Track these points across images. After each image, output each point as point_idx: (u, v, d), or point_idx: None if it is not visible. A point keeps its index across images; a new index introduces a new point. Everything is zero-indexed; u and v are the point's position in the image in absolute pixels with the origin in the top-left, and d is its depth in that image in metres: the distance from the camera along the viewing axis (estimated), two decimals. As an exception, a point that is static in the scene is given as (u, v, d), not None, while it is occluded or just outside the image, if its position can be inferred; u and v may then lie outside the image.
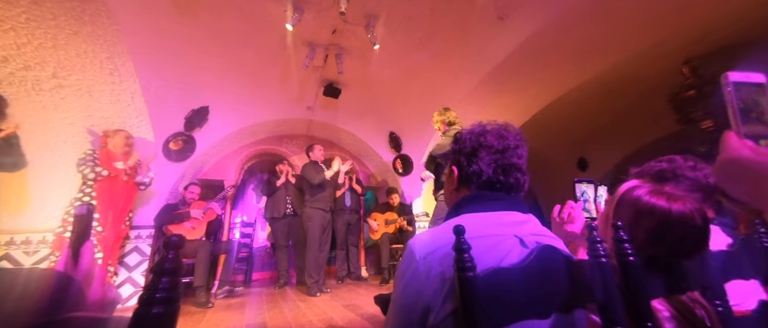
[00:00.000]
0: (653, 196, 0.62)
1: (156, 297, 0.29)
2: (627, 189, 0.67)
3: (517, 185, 0.61)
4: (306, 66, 3.04)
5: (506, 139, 0.61)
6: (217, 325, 1.82)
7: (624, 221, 0.62)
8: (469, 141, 0.62)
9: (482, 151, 0.60)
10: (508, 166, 0.59)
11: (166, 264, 0.31)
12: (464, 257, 0.42)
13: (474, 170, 0.60)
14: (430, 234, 0.51)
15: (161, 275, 0.30)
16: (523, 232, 0.53)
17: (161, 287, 0.30)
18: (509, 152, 0.60)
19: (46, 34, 1.91)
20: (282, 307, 2.23)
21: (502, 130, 0.62)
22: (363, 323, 1.64)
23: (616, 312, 0.51)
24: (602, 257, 0.53)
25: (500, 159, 0.60)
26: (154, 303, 0.29)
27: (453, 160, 0.66)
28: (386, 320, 0.54)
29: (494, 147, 0.60)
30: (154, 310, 0.29)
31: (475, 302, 0.41)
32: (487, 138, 0.61)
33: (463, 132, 0.66)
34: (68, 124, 2.41)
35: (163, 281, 0.30)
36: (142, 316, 0.28)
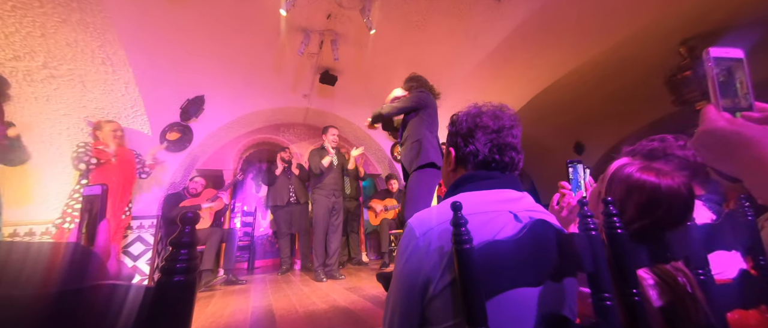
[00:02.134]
0: (644, 172, 0.65)
1: (176, 267, 0.31)
2: (618, 166, 0.69)
3: (512, 163, 0.63)
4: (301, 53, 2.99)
5: (501, 119, 0.62)
6: (223, 308, 1.88)
7: (615, 196, 0.65)
8: (465, 122, 0.64)
9: (478, 132, 0.62)
10: (503, 145, 0.61)
11: (184, 237, 0.33)
12: (461, 231, 0.45)
13: (470, 150, 0.62)
14: (428, 212, 0.54)
15: (180, 247, 0.32)
16: (518, 208, 0.56)
17: (180, 258, 0.32)
18: (504, 132, 0.62)
19: (34, 23, 1.86)
20: (286, 291, 2.30)
21: (497, 110, 0.64)
22: (365, 304, 1.70)
23: (604, 281, 0.54)
24: (592, 230, 0.56)
25: (495, 139, 0.61)
26: (175, 272, 0.31)
27: (449, 142, 0.68)
28: (389, 294, 0.57)
29: (490, 127, 0.61)
30: (176, 278, 0.31)
31: (471, 273, 0.44)
32: (483, 119, 0.62)
33: (460, 114, 0.67)
34: (63, 115, 2.39)
35: (182, 253, 0.32)
36: (165, 284, 0.31)
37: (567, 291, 0.53)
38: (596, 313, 0.52)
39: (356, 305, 1.71)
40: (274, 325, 1.47)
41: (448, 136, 0.69)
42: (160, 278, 0.31)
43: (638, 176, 0.65)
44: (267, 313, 1.69)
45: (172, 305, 0.30)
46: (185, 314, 0.31)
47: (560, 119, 4.23)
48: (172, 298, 0.30)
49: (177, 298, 0.30)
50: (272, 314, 1.67)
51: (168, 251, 0.32)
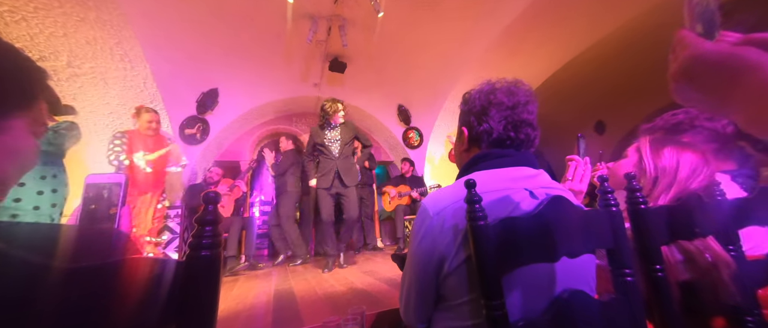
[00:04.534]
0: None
1: (203, 243, 0.33)
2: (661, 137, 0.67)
3: (528, 140, 0.61)
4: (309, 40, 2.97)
5: (516, 95, 0.60)
6: (248, 292, 1.98)
7: (667, 164, 0.63)
8: (479, 100, 0.62)
9: (492, 109, 0.60)
10: (518, 122, 0.59)
11: (208, 216, 0.35)
12: (475, 208, 0.44)
13: (484, 128, 0.60)
14: (442, 192, 0.54)
15: (205, 224, 0.34)
16: (533, 185, 0.55)
17: (206, 235, 0.34)
18: (519, 108, 0.59)
19: (56, 23, 1.94)
20: (305, 275, 2.39)
21: (511, 86, 0.61)
22: (381, 286, 1.74)
23: (625, 257, 0.53)
24: (613, 206, 0.55)
25: (510, 116, 0.59)
26: (202, 248, 0.33)
27: (462, 121, 0.66)
28: (404, 274, 0.58)
29: (504, 104, 0.59)
30: (203, 253, 0.33)
31: (486, 249, 0.44)
32: (497, 95, 0.60)
33: (472, 92, 0.64)
34: (89, 113, 2.51)
35: (206, 230, 0.34)
36: (194, 258, 0.33)
37: (585, 267, 0.53)
38: (616, 288, 0.52)
39: (373, 287, 1.76)
40: (296, 305, 1.54)
41: (460, 115, 0.68)
42: (188, 254, 0.33)
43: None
44: (289, 295, 1.77)
45: (200, 277, 0.32)
46: (213, 286, 0.33)
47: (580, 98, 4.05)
48: (201, 271, 0.32)
49: (205, 271, 0.32)
50: (294, 295, 1.75)
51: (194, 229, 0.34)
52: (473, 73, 3.21)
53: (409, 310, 0.56)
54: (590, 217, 0.53)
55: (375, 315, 1.23)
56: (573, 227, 0.50)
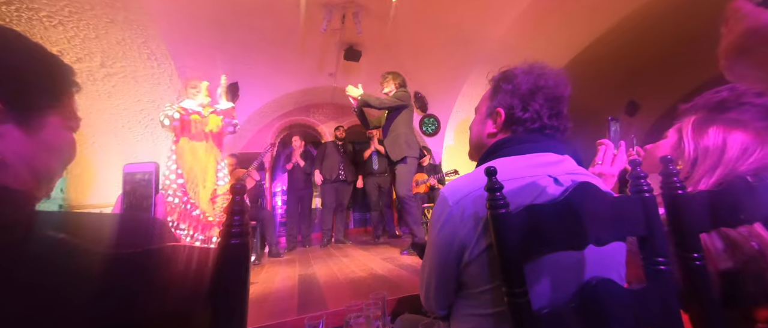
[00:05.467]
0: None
1: (233, 232, 0.35)
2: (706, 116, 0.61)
3: (566, 131, 0.59)
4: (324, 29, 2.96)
5: (561, 87, 0.57)
6: (273, 276, 2.09)
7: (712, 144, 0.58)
8: (525, 82, 0.56)
9: (539, 95, 0.56)
10: (561, 113, 0.57)
11: (235, 206, 0.36)
12: (496, 196, 0.43)
13: (530, 115, 0.56)
14: (462, 180, 0.53)
15: (233, 214, 0.36)
16: (558, 171, 0.53)
17: (235, 224, 0.35)
18: (563, 102, 0.57)
19: (89, 25, 2.05)
20: (327, 261, 2.48)
21: (557, 76, 0.58)
22: (400, 272, 1.78)
23: (659, 245, 0.51)
24: (645, 191, 0.52)
25: (555, 106, 0.56)
26: (232, 236, 0.35)
27: (500, 101, 0.59)
28: (424, 262, 0.59)
29: (553, 92, 0.56)
30: (233, 241, 0.35)
31: (508, 238, 0.43)
32: (548, 82, 0.56)
33: (516, 70, 0.58)
34: (122, 110, 2.67)
35: (235, 220, 0.36)
36: (225, 246, 0.35)
37: (614, 255, 0.51)
38: (648, 277, 0.49)
39: (392, 273, 1.79)
40: (320, 289, 1.60)
41: (497, 93, 0.60)
42: (220, 241, 0.35)
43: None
44: (312, 279, 1.85)
45: (231, 263, 0.35)
46: (243, 271, 0.35)
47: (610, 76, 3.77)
48: (232, 257, 0.34)
49: (235, 257, 0.34)
50: (317, 280, 1.82)
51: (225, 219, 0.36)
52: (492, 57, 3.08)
53: (429, 298, 0.56)
54: (621, 203, 0.50)
55: (396, 300, 1.26)
56: (601, 214, 0.48)
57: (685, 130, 0.62)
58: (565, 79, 0.58)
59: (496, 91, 0.60)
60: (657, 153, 0.68)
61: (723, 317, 0.49)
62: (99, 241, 0.30)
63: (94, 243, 0.30)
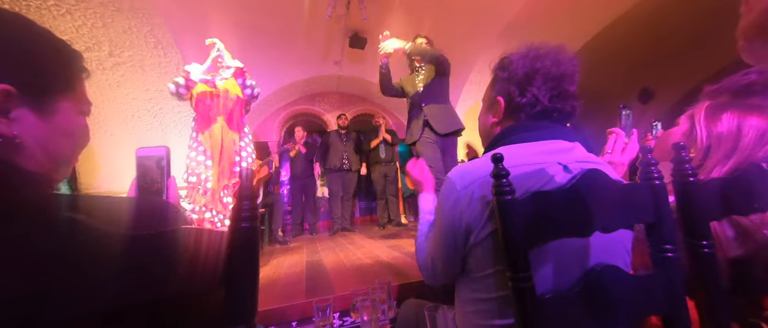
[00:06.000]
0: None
1: (243, 216, 0.36)
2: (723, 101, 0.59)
3: (573, 113, 0.56)
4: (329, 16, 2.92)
5: (562, 64, 0.54)
6: (281, 262, 2.15)
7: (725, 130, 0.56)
8: (522, 66, 0.55)
9: (537, 78, 0.54)
10: (565, 93, 0.54)
11: (245, 192, 0.37)
12: (502, 182, 0.43)
13: (528, 99, 0.54)
14: (470, 165, 0.52)
15: (243, 199, 0.37)
16: (568, 158, 0.52)
17: (245, 208, 0.36)
18: (567, 79, 0.54)
19: (95, 14, 2.06)
20: (334, 248, 2.53)
21: (557, 53, 0.55)
22: (406, 259, 1.80)
23: (667, 232, 0.50)
24: (656, 178, 0.51)
25: (557, 86, 0.54)
26: (242, 220, 0.36)
27: (499, 90, 0.59)
28: (430, 242, 0.59)
29: (551, 72, 0.53)
30: (243, 225, 0.36)
31: (513, 224, 0.43)
32: (544, 62, 0.54)
33: (512, 56, 0.57)
34: (132, 99, 2.71)
35: (245, 204, 0.37)
36: (236, 229, 0.36)
37: (620, 242, 0.51)
38: (654, 264, 0.49)
39: (398, 260, 1.82)
40: (327, 275, 1.65)
41: (495, 82, 0.61)
42: (231, 225, 0.36)
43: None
44: (319, 266, 1.90)
45: (242, 245, 0.36)
46: (253, 253, 0.36)
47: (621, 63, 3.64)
48: (242, 240, 0.35)
49: (246, 240, 0.35)
50: (324, 266, 1.86)
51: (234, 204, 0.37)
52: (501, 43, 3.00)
53: (435, 274, 0.59)
54: (629, 190, 0.49)
55: (401, 286, 1.28)
56: (609, 201, 0.47)
57: (698, 117, 0.60)
58: (568, 56, 0.55)
59: (494, 80, 0.60)
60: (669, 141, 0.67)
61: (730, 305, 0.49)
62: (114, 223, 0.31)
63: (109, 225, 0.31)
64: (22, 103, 0.31)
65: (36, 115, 0.32)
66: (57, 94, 0.35)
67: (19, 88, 0.31)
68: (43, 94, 0.33)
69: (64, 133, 0.36)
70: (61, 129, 0.35)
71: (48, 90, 0.34)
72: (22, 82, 0.31)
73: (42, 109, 0.33)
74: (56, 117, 0.35)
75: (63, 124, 0.35)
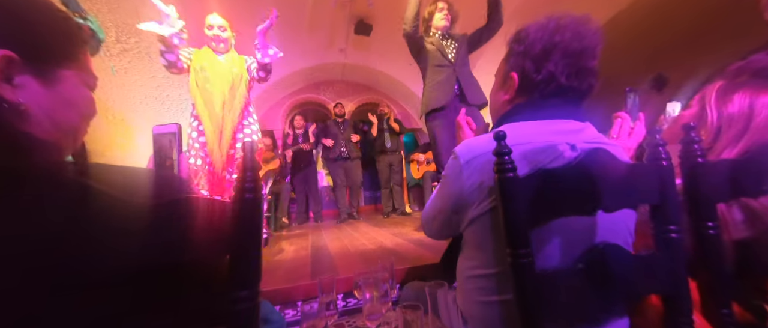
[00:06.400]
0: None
1: (246, 187, 0.37)
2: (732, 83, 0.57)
3: (589, 91, 0.53)
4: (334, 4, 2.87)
5: (585, 37, 0.50)
6: (288, 246, 2.20)
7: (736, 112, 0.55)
8: (539, 40, 0.51)
9: (555, 53, 0.50)
10: (584, 70, 0.51)
11: (248, 163, 0.38)
12: (505, 160, 0.43)
13: (544, 77, 0.51)
14: (476, 140, 0.52)
15: (246, 171, 0.37)
16: (577, 139, 0.51)
17: (247, 180, 0.37)
18: (587, 53, 0.50)
19: (101, 0, 2.06)
20: (338, 235, 2.57)
21: (580, 25, 0.50)
22: (409, 246, 1.82)
23: (671, 213, 0.50)
24: (663, 159, 0.50)
25: (576, 62, 0.50)
26: (246, 191, 0.37)
27: (513, 65, 0.56)
28: (431, 203, 0.60)
29: (571, 48, 0.50)
30: (247, 196, 0.37)
31: (514, 201, 0.43)
32: (564, 35, 0.50)
33: (529, 29, 0.53)
34: (139, 86, 2.73)
35: (248, 176, 0.37)
36: (240, 200, 0.36)
37: (624, 222, 0.50)
38: (657, 245, 0.49)
39: (401, 246, 1.85)
40: (331, 259, 1.68)
41: (510, 56, 0.57)
42: (234, 196, 0.37)
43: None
44: (324, 250, 1.93)
45: (246, 216, 0.37)
46: (257, 223, 0.37)
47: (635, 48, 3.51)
48: (245, 210, 0.36)
49: (249, 210, 0.36)
50: (329, 251, 1.90)
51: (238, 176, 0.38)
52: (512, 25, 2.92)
53: (431, 232, 0.63)
54: (635, 171, 0.49)
55: (404, 270, 1.30)
56: (612, 181, 0.47)
57: (708, 97, 0.58)
58: (590, 29, 0.51)
59: (509, 53, 0.57)
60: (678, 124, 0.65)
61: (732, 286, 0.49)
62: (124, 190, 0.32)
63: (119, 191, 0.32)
64: (25, 70, 0.32)
65: (40, 83, 0.33)
66: (60, 64, 0.36)
67: (22, 56, 0.31)
68: (46, 62, 0.34)
69: (68, 103, 0.36)
70: (66, 98, 0.36)
71: (51, 59, 0.35)
72: (24, 50, 0.32)
73: (45, 78, 0.34)
74: (60, 86, 0.35)
75: (67, 94, 0.36)
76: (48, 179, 0.29)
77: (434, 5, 2.01)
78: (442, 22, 1.99)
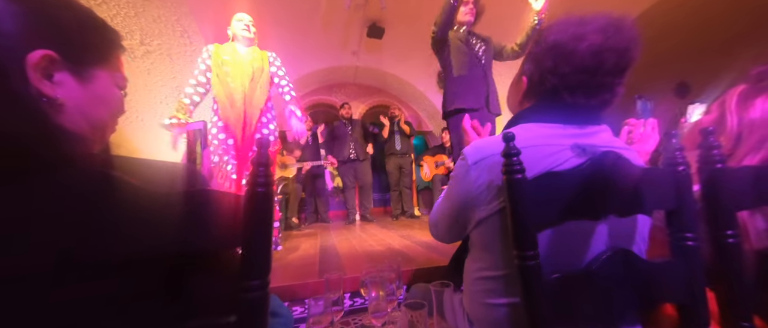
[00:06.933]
0: None
1: (259, 181, 0.38)
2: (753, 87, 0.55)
3: (603, 105, 0.50)
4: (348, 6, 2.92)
5: (604, 51, 0.46)
6: (298, 245, 2.23)
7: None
8: (551, 50, 0.49)
9: (575, 57, 0.46)
10: (596, 86, 0.47)
11: (261, 159, 0.39)
12: (513, 161, 0.43)
13: (547, 89, 0.50)
14: (485, 141, 0.52)
15: (259, 166, 0.39)
16: (590, 142, 0.50)
17: (260, 174, 0.38)
18: (604, 69, 0.46)
19: (128, 3, 2.17)
20: (347, 236, 2.59)
21: (607, 27, 0.45)
22: (417, 248, 1.82)
23: (688, 220, 0.48)
24: (679, 164, 0.49)
25: (586, 80, 0.47)
26: (258, 185, 0.38)
27: (525, 69, 0.55)
28: (440, 204, 0.60)
29: (583, 63, 0.46)
30: (259, 189, 0.38)
31: (522, 203, 0.43)
32: (580, 45, 0.46)
33: (550, 30, 0.50)
34: (160, 86, 2.85)
35: (260, 170, 0.39)
36: (253, 193, 0.38)
37: (637, 228, 0.49)
38: (673, 252, 0.48)
39: (409, 248, 1.84)
40: (339, 258, 1.69)
41: (527, 57, 0.55)
42: (247, 189, 0.38)
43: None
44: (332, 250, 1.95)
45: (258, 209, 0.38)
46: (268, 217, 0.38)
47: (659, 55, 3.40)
48: (258, 203, 0.38)
49: (261, 203, 0.38)
50: (337, 251, 1.92)
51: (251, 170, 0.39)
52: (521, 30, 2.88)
53: (439, 235, 0.63)
54: (650, 175, 0.48)
55: (411, 272, 1.30)
56: (625, 185, 0.46)
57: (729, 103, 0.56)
58: (619, 29, 0.46)
59: (528, 53, 0.56)
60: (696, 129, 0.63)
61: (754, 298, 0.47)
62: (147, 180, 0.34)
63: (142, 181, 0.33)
64: (63, 68, 0.34)
65: (76, 81, 0.36)
66: (95, 64, 0.38)
67: (61, 56, 0.34)
68: (82, 62, 0.37)
69: (100, 100, 0.39)
70: (98, 96, 0.39)
71: (86, 59, 0.37)
72: (64, 50, 0.34)
73: (81, 76, 0.36)
74: (93, 84, 0.38)
75: (99, 92, 0.39)
76: (78, 166, 0.31)
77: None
78: (466, 17, 1.88)
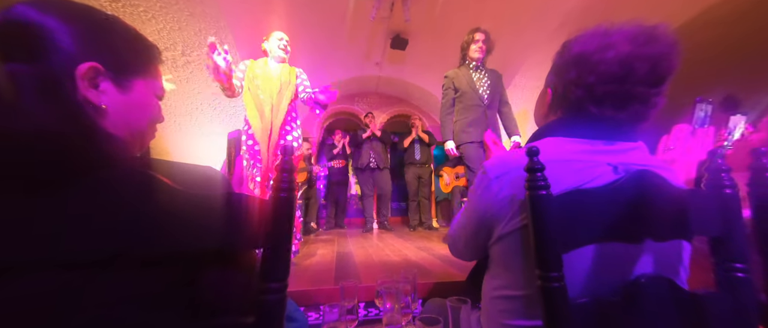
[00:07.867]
0: None
1: (282, 186, 0.40)
2: None
3: (636, 117, 0.47)
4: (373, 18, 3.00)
5: (634, 60, 0.43)
6: (315, 250, 2.26)
7: None
8: (575, 59, 0.47)
9: (590, 77, 0.45)
10: (626, 96, 0.44)
11: (285, 166, 0.41)
12: (537, 176, 0.41)
13: (571, 102, 0.48)
14: (506, 155, 0.51)
15: (283, 172, 0.41)
16: (622, 160, 0.47)
17: (284, 180, 0.40)
18: (633, 78, 0.43)
19: (174, 18, 2.38)
20: (363, 244, 2.59)
21: (637, 37, 0.43)
22: (434, 261, 1.78)
23: (738, 249, 0.44)
24: (726, 187, 0.45)
25: (614, 90, 0.44)
26: (281, 190, 0.40)
27: (549, 80, 0.53)
28: (459, 219, 0.59)
29: (609, 72, 0.44)
30: (282, 195, 0.40)
31: (546, 220, 0.41)
32: (607, 55, 0.43)
33: (575, 41, 0.48)
34: (197, 94, 3.06)
35: (284, 177, 0.40)
36: (276, 198, 0.39)
37: (676, 254, 0.45)
38: (719, 284, 0.43)
39: (426, 260, 1.80)
40: (355, 267, 1.69)
41: (552, 70, 0.53)
42: (272, 195, 0.40)
43: None
44: (349, 257, 1.96)
45: (280, 214, 0.39)
46: (289, 221, 0.40)
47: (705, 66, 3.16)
48: (281, 207, 0.39)
49: (284, 207, 0.39)
50: (353, 258, 1.92)
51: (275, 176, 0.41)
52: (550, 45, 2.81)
53: (458, 251, 0.62)
54: (690, 198, 0.44)
55: (427, 286, 1.27)
56: (662, 208, 0.43)
57: None
58: (652, 38, 0.43)
59: (552, 65, 0.54)
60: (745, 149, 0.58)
61: (820, 342, 0.41)
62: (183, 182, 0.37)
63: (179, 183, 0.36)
64: (107, 78, 0.38)
65: (118, 90, 0.40)
66: (135, 75, 0.43)
67: (105, 67, 0.38)
68: (123, 73, 0.41)
69: (140, 108, 0.43)
70: (138, 104, 0.43)
71: (128, 70, 0.42)
72: (108, 61, 0.38)
73: (123, 86, 0.40)
74: (134, 93, 0.42)
75: (139, 100, 0.43)
76: (120, 168, 0.34)
77: (471, 35, 2.09)
78: (476, 54, 2.07)
